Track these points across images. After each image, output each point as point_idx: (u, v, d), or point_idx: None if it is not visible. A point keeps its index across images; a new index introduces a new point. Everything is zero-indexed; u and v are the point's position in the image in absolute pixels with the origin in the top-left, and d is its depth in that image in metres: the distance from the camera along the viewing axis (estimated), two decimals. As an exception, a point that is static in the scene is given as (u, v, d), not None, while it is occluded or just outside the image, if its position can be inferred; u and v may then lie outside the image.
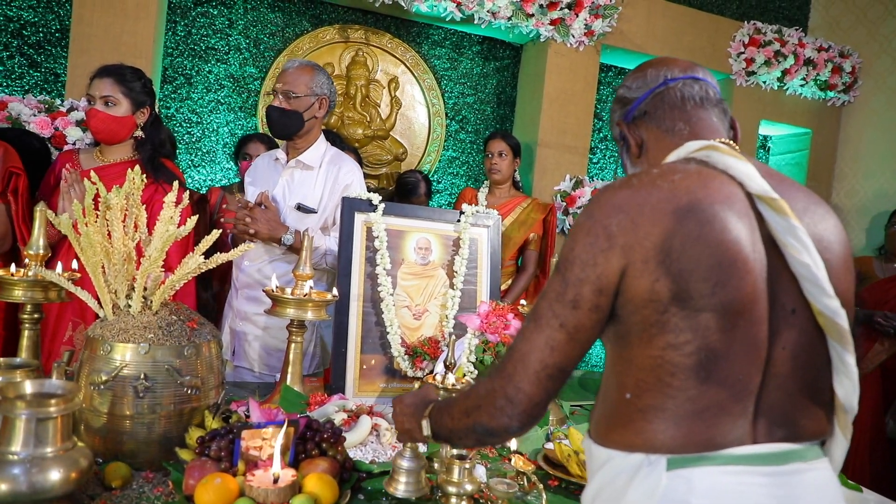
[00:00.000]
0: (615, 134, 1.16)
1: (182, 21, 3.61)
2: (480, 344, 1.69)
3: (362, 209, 1.92)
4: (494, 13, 3.62)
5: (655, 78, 1.08)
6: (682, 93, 1.07)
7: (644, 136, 1.09)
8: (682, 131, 1.05)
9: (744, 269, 0.84)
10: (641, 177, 0.91)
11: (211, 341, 1.42)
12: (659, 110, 1.07)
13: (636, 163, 1.11)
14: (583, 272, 0.87)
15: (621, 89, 1.14)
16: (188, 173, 3.65)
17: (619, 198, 0.88)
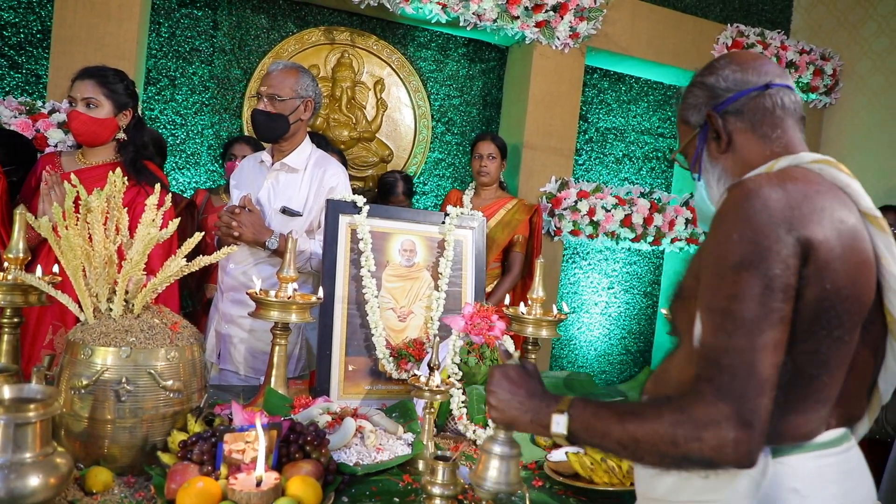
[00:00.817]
0: (691, 119, 1.12)
1: (166, 22, 3.59)
2: (465, 345, 1.70)
3: (347, 211, 1.92)
4: (480, 15, 3.63)
5: (756, 77, 1.06)
6: (781, 100, 1.06)
7: (733, 133, 1.07)
8: (778, 139, 1.04)
9: (871, 283, 0.94)
10: (794, 177, 0.92)
11: (194, 344, 1.41)
12: (757, 114, 1.05)
13: (717, 158, 1.09)
14: (778, 262, 0.85)
15: (710, 77, 1.10)
16: (172, 176, 3.63)
17: (793, 193, 0.89)
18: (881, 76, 4.32)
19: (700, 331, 0.88)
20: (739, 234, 0.86)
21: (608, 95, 4.67)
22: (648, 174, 4.87)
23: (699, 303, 0.91)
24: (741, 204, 0.88)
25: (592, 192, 4.03)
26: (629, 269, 4.87)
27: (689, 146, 1.16)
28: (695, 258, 1.00)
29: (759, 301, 0.83)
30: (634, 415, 0.89)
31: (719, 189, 1.08)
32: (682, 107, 1.15)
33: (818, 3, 4.82)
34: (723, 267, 0.86)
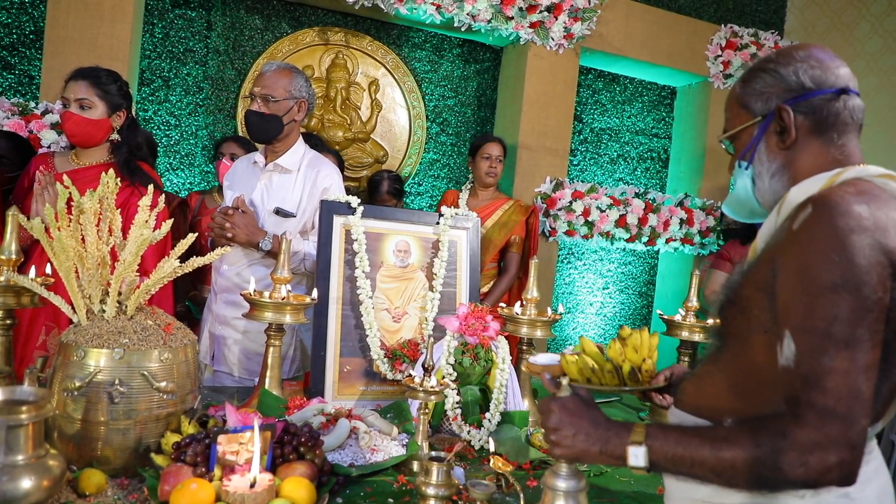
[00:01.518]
0: (754, 106, 1.08)
1: (160, 23, 3.58)
2: (459, 346, 1.70)
3: (341, 212, 1.92)
4: (474, 16, 3.63)
5: (834, 78, 1.03)
6: (853, 108, 1.04)
7: (799, 131, 1.04)
8: (841, 147, 1.02)
9: None
10: (872, 194, 0.91)
11: (187, 346, 1.41)
12: (829, 117, 1.02)
13: (777, 154, 1.06)
14: (877, 283, 0.84)
15: (786, 67, 1.05)
16: (166, 176, 3.62)
17: (877, 210, 0.88)
18: (874, 77, 4.34)
19: (792, 351, 0.86)
20: (837, 255, 0.84)
21: (603, 96, 4.68)
22: (643, 174, 4.88)
23: (786, 321, 0.88)
24: (833, 221, 0.86)
25: (587, 192, 4.04)
26: (624, 269, 4.88)
27: (743, 133, 1.11)
28: (759, 268, 0.97)
29: (860, 323, 0.83)
30: (728, 441, 0.86)
31: (772, 185, 1.06)
32: (744, 89, 1.09)
33: (812, 3, 4.83)
34: (818, 287, 0.85)
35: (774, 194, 1.06)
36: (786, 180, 1.05)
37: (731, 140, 1.13)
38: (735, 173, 1.14)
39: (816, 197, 0.91)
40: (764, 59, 1.09)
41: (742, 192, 1.12)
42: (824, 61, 1.04)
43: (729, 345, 1.03)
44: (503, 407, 1.69)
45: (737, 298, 1.00)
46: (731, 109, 1.14)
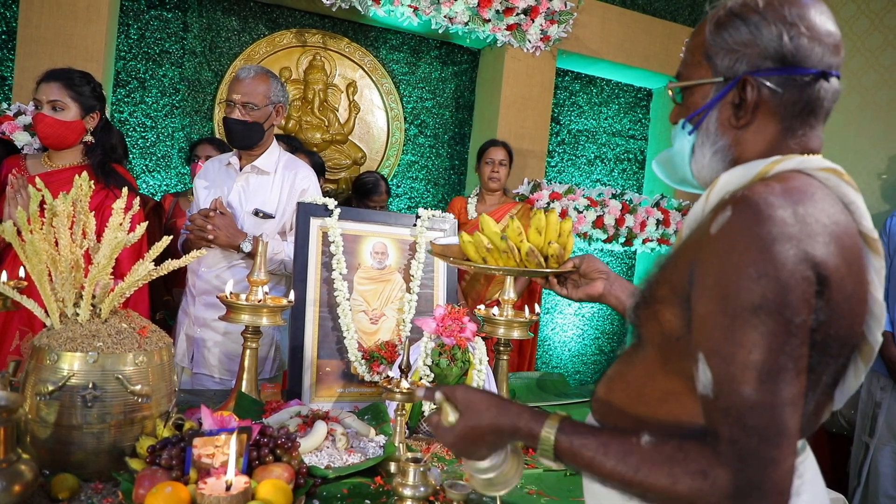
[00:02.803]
0: (718, 61, 0.91)
1: (135, 24, 3.55)
2: (436, 347, 1.71)
3: (318, 214, 1.92)
4: (451, 18, 3.65)
5: (822, 55, 0.87)
6: (828, 95, 0.90)
7: (757, 112, 0.90)
8: (801, 137, 0.90)
9: (865, 309, 0.87)
10: (805, 192, 0.80)
11: (162, 349, 1.40)
12: (799, 103, 0.88)
13: (727, 130, 0.92)
14: (803, 304, 0.75)
15: (771, 25, 0.87)
16: (142, 178, 3.59)
17: (807, 217, 0.78)
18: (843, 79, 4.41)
19: (709, 379, 0.77)
20: (757, 270, 0.74)
21: (580, 98, 4.72)
22: (620, 175, 4.93)
23: (700, 342, 0.79)
24: (754, 229, 0.75)
25: (565, 193, 4.07)
26: (602, 269, 4.92)
27: (697, 89, 0.95)
28: (676, 268, 0.87)
29: (785, 350, 0.73)
30: (643, 463, 0.77)
31: (711, 162, 0.94)
32: (713, 36, 0.91)
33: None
34: (737, 308, 0.74)
35: (712, 172, 0.94)
36: (728, 162, 0.92)
37: (682, 90, 0.97)
38: (676, 129, 1.00)
39: (739, 197, 0.79)
40: (747, 4, 0.90)
41: (678, 156, 0.99)
42: (817, 28, 0.87)
43: (642, 348, 0.94)
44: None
45: (651, 298, 0.91)
46: (692, 52, 0.96)
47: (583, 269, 1.35)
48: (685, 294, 0.83)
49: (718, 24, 0.91)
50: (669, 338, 0.87)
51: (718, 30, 0.91)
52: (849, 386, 0.93)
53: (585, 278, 1.37)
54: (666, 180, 1.07)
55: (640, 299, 0.94)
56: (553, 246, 1.30)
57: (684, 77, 0.97)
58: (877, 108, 4.23)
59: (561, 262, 1.33)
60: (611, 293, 1.35)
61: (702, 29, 0.95)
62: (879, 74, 4.24)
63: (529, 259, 1.28)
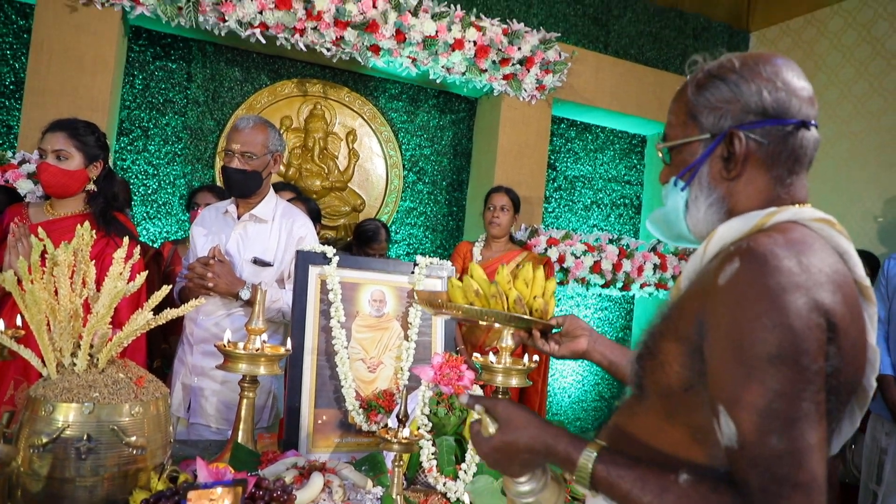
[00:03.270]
0: (704, 119, 0.95)
1: (140, 74, 3.62)
2: (434, 396, 1.70)
3: (317, 262, 1.93)
4: (449, 69, 3.73)
5: (798, 105, 0.91)
6: (810, 144, 0.93)
7: (746, 163, 0.93)
8: (789, 186, 0.93)
9: (865, 356, 0.88)
10: (805, 243, 0.82)
11: (159, 399, 1.40)
12: (784, 152, 0.91)
13: (720, 183, 0.95)
14: (818, 351, 0.76)
15: (749, 84, 0.91)
16: (143, 225, 3.61)
17: (812, 266, 0.80)
18: (833, 125, 4.50)
19: (732, 431, 0.78)
20: (770, 320, 0.75)
21: (575, 144, 4.79)
22: (616, 220, 4.97)
23: (719, 395, 0.80)
24: (764, 280, 0.77)
25: (562, 239, 4.10)
26: (601, 314, 4.92)
27: (685, 147, 0.98)
28: (682, 320, 0.88)
29: (805, 396, 0.75)
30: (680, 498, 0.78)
31: (707, 216, 0.96)
32: (696, 96, 0.96)
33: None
34: (753, 358, 0.76)
35: (708, 225, 0.96)
36: (723, 213, 0.95)
37: (670, 150, 1.01)
38: (668, 189, 1.02)
39: (745, 249, 0.82)
40: (724, 66, 0.95)
41: (673, 213, 1.01)
42: (791, 83, 0.92)
43: (645, 399, 0.94)
44: (479, 457, 1.68)
45: (656, 350, 0.91)
46: (676, 114, 1.00)
47: (566, 328, 1.37)
48: (694, 345, 0.84)
49: (699, 85, 0.96)
50: (676, 389, 0.87)
51: (700, 90, 0.95)
52: (845, 431, 0.94)
53: (568, 336, 1.38)
54: (662, 238, 1.10)
55: (643, 350, 0.94)
56: (538, 301, 1.32)
57: (671, 137, 1.00)
58: (866, 153, 4.30)
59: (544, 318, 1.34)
60: (595, 349, 1.36)
61: (683, 92, 0.99)
62: (867, 120, 4.32)
63: (517, 307, 1.29)
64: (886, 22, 4.28)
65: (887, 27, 4.27)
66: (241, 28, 3.22)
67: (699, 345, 0.84)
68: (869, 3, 4.39)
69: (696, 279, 0.91)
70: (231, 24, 3.19)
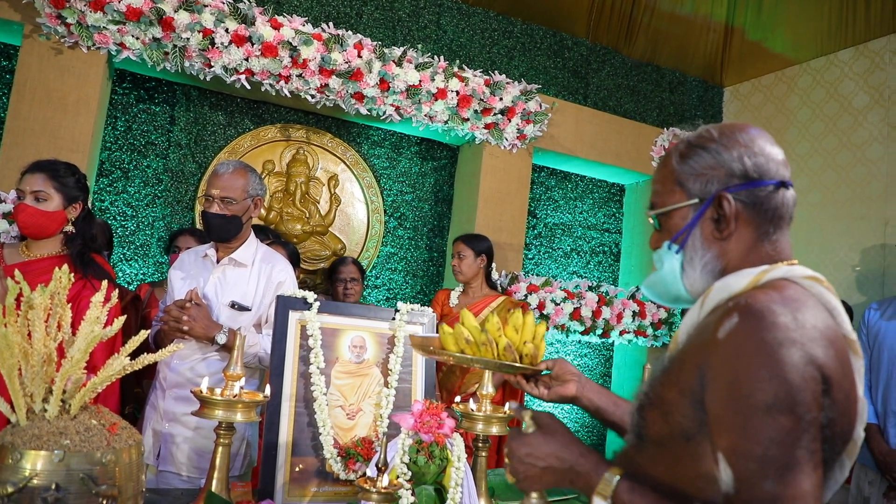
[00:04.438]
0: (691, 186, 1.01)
1: (123, 116, 3.63)
2: (414, 444, 1.67)
3: (297, 307, 1.92)
4: (431, 117, 3.79)
5: (775, 168, 0.99)
6: (790, 201, 1.00)
7: (736, 222, 0.99)
8: (775, 242, 0.99)
9: (856, 408, 0.90)
10: (798, 301, 0.87)
11: (132, 447, 1.36)
12: (769, 210, 0.98)
13: (712, 244, 1.01)
14: (813, 402, 0.80)
15: (729, 151, 0.99)
16: (120, 267, 3.57)
17: (806, 322, 0.84)
18: (805, 178, 4.63)
19: (730, 477, 0.81)
20: (768, 372, 0.79)
21: (555, 192, 4.86)
22: (596, 268, 5.01)
23: (719, 442, 0.83)
24: (761, 334, 0.81)
25: (542, 285, 4.12)
26: (580, 360, 4.92)
27: (675, 213, 1.04)
28: (683, 372, 0.91)
29: (800, 445, 0.78)
30: None
31: (703, 276, 1.01)
32: (681, 165, 1.03)
33: (744, 110, 5.21)
34: (751, 407, 0.79)
35: (704, 283, 1.01)
36: (717, 272, 1.00)
37: (660, 216, 1.06)
38: (661, 254, 1.07)
39: (743, 305, 0.86)
40: (703, 136, 1.03)
41: (670, 276, 1.05)
42: (766, 149, 1.00)
43: (646, 448, 0.97)
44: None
45: (658, 401, 0.94)
46: (663, 183, 1.06)
47: (555, 372, 1.38)
48: (696, 396, 0.88)
49: (682, 155, 1.04)
50: (678, 439, 0.90)
51: (684, 159, 1.03)
52: (835, 481, 0.95)
53: (557, 380, 1.39)
54: (658, 301, 1.14)
55: (645, 401, 0.98)
56: (528, 346, 1.32)
57: (660, 205, 1.06)
58: (837, 204, 4.41)
59: (534, 363, 1.35)
60: (584, 394, 1.39)
61: (667, 161, 1.06)
62: (837, 173, 4.46)
63: (506, 354, 1.30)
64: (852, 82, 4.45)
65: (853, 86, 4.44)
66: (226, 74, 3.25)
67: (700, 395, 0.87)
68: (835, 63, 4.57)
69: (695, 333, 0.95)
70: (217, 69, 3.22)
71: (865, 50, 4.40)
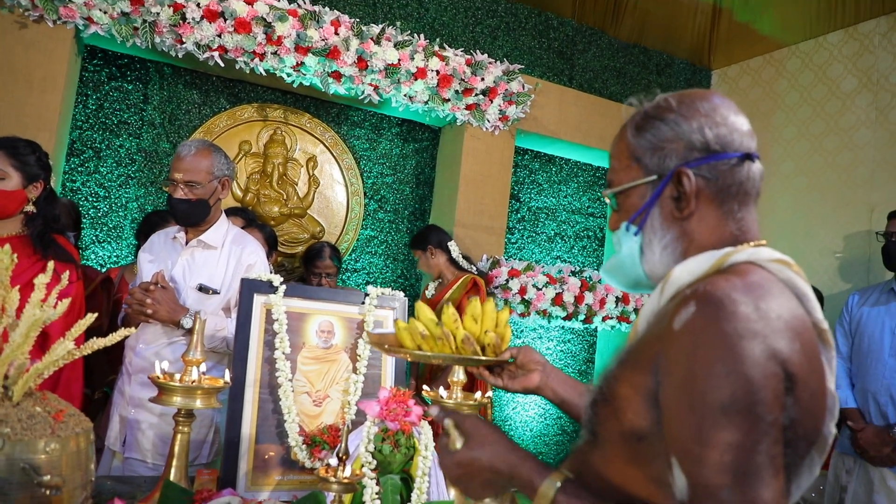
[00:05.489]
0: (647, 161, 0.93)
1: (94, 94, 3.53)
2: (379, 432, 1.62)
3: (262, 290, 1.86)
4: (411, 97, 3.71)
5: (740, 139, 0.90)
6: (755, 176, 0.92)
7: (697, 200, 0.91)
8: (740, 220, 0.91)
9: (826, 403, 0.84)
10: (763, 287, 0.79)
11: (79, 435, 1.30)
12: (733, 185, 0.90)
13: (672, 224, 0.93)
14: (775, 401, 0.73)
15: (689, 121, 0.91)
16: (92, 249, 3.49)
17: (770, 312, 0.76)
18: (791, 162, 4.59)
19: (684, 483, 0.74)
20: (725, 367, 0.72)
21: (539, 176, 4.80)
22: (580, 252, 4.97)
23: (672, 446, 0.76)
24: (719, 325, 0.74)
25: (523, 270, 4.07)
26: (563, 346, 4.89)
27: (633, 191, 0.95)
28: (638, 366, 0.84)
29: (759, 449, 0.71)
30: None
31: (663, 258, 0.93)
32: (637, 139, 0.94)
33: (731, 94, 5.16)
34: (706, 407, 0.72)
35: (665, 267, 0.93)
36: (678, 254, 0.92)
37: (617, 194, 0.98)
38: (619, 235, 0.99)
39: (701, 292, 0.78)
40: (661, 106, 0.94)
41: (628, 259, 0.97)
42: (729, 118, 0.91)
43: (599, 447, 0.90)
44: (426, 497, 1.61)
45: (611, 396, 0.87)
46: (619, 159, 0.98)
47: (520, 360, 1.31)
48: (650, 393, 0.81)
49: (638, 127, 0.95)
50: (630, 438, 0.83)
51: (640, 132, 0.94)
52: (804, 480, 0.89)
53: (522, 369, 1.32)
54: (618, 286, 1.06)
55: (598, 396, 0.90)
56: (489, 335, 1.26)
57: (617, 183, 0.98)
58: (823, 189, 4.38)
59: (498, 352, 1.29)
60: (547, 385, 1.30)
61: (623, 135, 0.98)
62: (823, 158, 4.42)
63: (465, 346, 1.23)
64: (841, 65, 4.40)
65: (841, 69, 4.40)
66: (198, 51, 3.16)
67: (655, 392, 0.80)
68: (824, 46, 4.52)
69: (654, 321, 0.88)
70: (189, 46, 3.13)
71: (854, 33, 4.35)
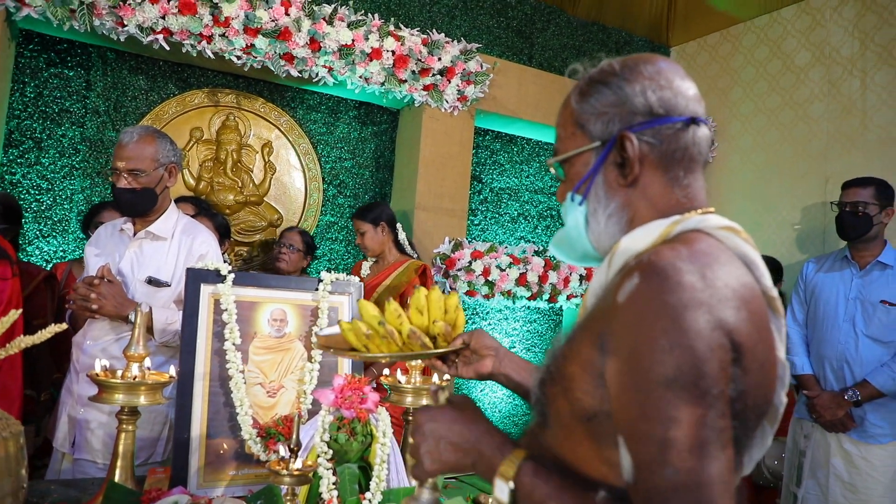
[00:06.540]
0: (591, 127, 0.90)
1: (32, 82, 3.37)
2: (335, 421, 1.57)
3: (209, 280, 1.78)
4: (367, 78, 3.63)
5: (686, 104, 0.88)
6: (701, 140, 0.89)
7: (641, 166, 0.88)
8: (687, 187, 0.88)
9: (775, 372, 0.82)
10: (710, 255, 0.77)
11: (8, 439, 1.23)
12: (678, 150, 0.87)
13: (616, 191, 0.89)
14: (720, 374, 0.70)
15: (631, 84, 0.88)
16: (36, 244, 3.34)
17: (716, 281, 0.74)
18: (749, 137, 4.63)
19: (629, 463, 0.71)
20: (669, 340, 0.69)
21: (500, 156, 4.76)
22: (544, 232, 4.95)
23: (618, 424, 0.73)
24: (663, 297, 0.71)
25: (486, 251, 4.03)
26: (529, 327, 4.88)
27: (577, 159, 0.92)
28: (584, 342, 0.81)
29: (706, 423, 0.68)
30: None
31: (608, 228, 0.90)
32: (580, 104, 0.92)
33: (690, 70, 5.17)
34: (651, 382, 0.69)
35: (611, 238, 0.90)
36: (624, 223, 0.90)
37: (562, 163, 0.95)
38: (566, 206, 0.96)
39: (646, 263, 0.75)
40: (605, 70, 0.91)
41: (574, 231, 0.94)
42: (674, 82, 0.89)
43: (550, 428, 0.87)
44: (384, 485, 1.57)
45: (558, 375, 0.84)
46: (564, 126, 0.95)
47: (472, 345, 1.26)
48: (597, 370, 0.77)
49: (582, 93, 0.93)
50: (580, 418, 0.80)
51: (584, 97, 0.92)
52: (756, 451, 0.87)
53: (476, 354, 1.27)
54: (567, 260, 1.02)
55: (546, 375, 0.87)
56: (438, 325, 1.21)
57: (562, 150, 0.95)
58: (780, 163, 4.42)
59: (449, 340, 1.23)
60: (500, 371, 1.25)
61: (568, 102, 0.95)
62: (780, 132, 4.46)
63: (412, 342, 1.18)
64: (794, 39, 4.43)
65: (795, 44, 4.43)
66: (142, 34, 3.02)
67: (602, 369, 0.77)
68: (778, 21, 4.54)
69: (602, 296, 0.84)
70: (131, 28, 2.99)
71: (807, 7, 4.38)
